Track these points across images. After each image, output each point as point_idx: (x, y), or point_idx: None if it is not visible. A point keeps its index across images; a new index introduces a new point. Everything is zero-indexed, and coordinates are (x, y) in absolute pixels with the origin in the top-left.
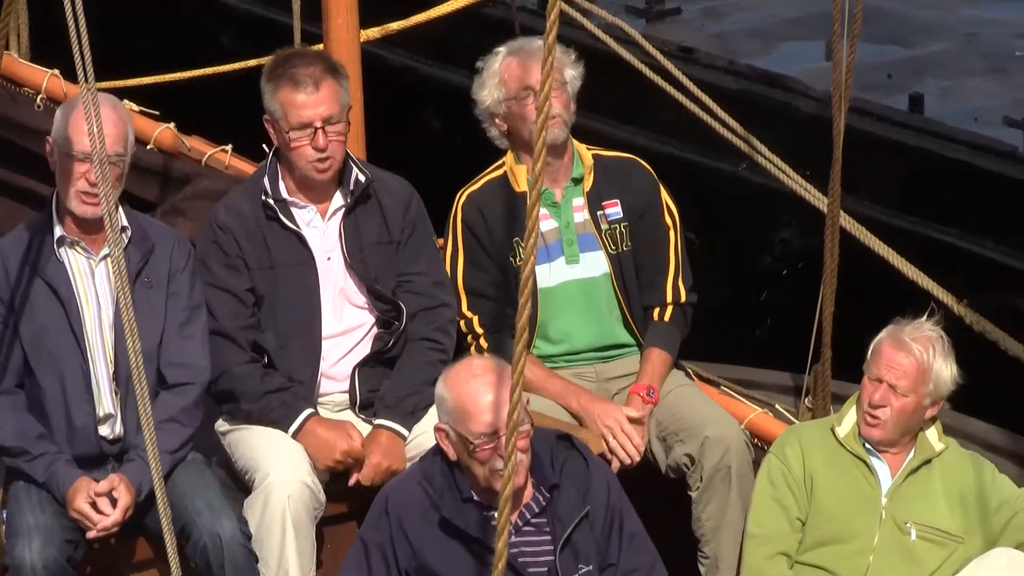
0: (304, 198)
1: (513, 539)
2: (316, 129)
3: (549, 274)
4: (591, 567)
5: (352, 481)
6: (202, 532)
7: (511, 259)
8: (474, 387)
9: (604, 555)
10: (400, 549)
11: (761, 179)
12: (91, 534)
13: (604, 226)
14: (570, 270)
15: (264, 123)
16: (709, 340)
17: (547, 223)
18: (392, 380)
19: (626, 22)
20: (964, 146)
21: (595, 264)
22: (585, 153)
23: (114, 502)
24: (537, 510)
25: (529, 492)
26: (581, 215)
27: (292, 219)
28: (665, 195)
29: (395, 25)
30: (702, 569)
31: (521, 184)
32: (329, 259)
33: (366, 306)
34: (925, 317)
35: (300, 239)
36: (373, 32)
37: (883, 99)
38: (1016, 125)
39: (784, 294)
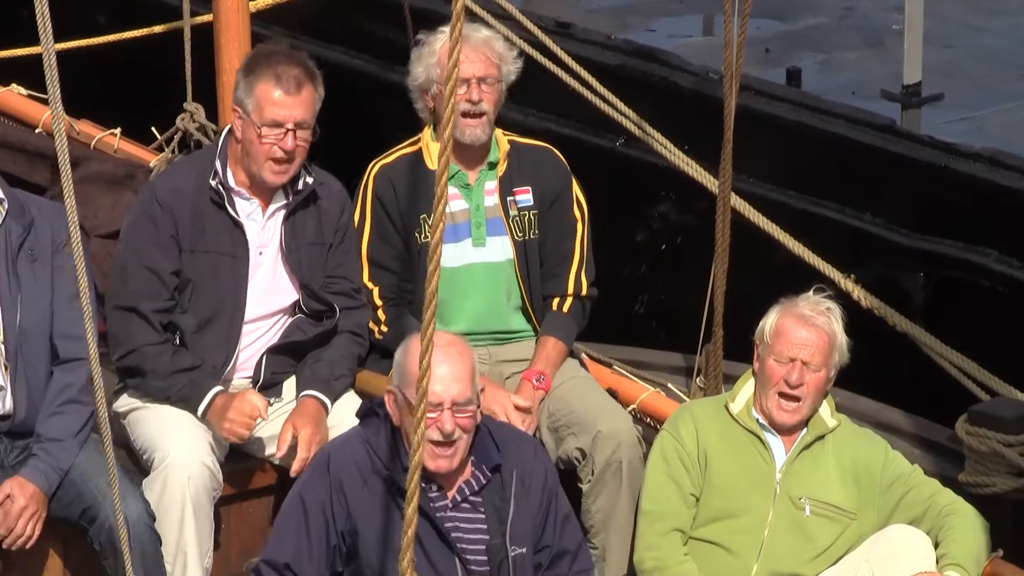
0: (250, 191)
1: (449, 514)
2: (288, 131)
3: (455, 255)
4: (524, 549)
5: (280, 453)
6: (108, 514)
7: (416, 235)
8: (433, 356)
9: (538, 537)
10: (338, 509)
11: (638, 154)
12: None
13: (512, 212)
14: (476, 253)
15: (231, 112)
16: (591, 316)
17: (458, 204)
18: (320, 363)
19: None
20: (842, 119)
21: (500, 249)
22: (502, 138)
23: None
24: (477, 488)
25: (469, 471)
26: (492, 199)
27: (234, 208)
28: (576, 187)
29: None
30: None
31: (434, 162)
32: (261, 254)
33: (289, 302)
34: (812, 291)
35: (239, 229)
36: (261, 4)
37: (761, 73)
38: (894, 98)
39: (663, 268)
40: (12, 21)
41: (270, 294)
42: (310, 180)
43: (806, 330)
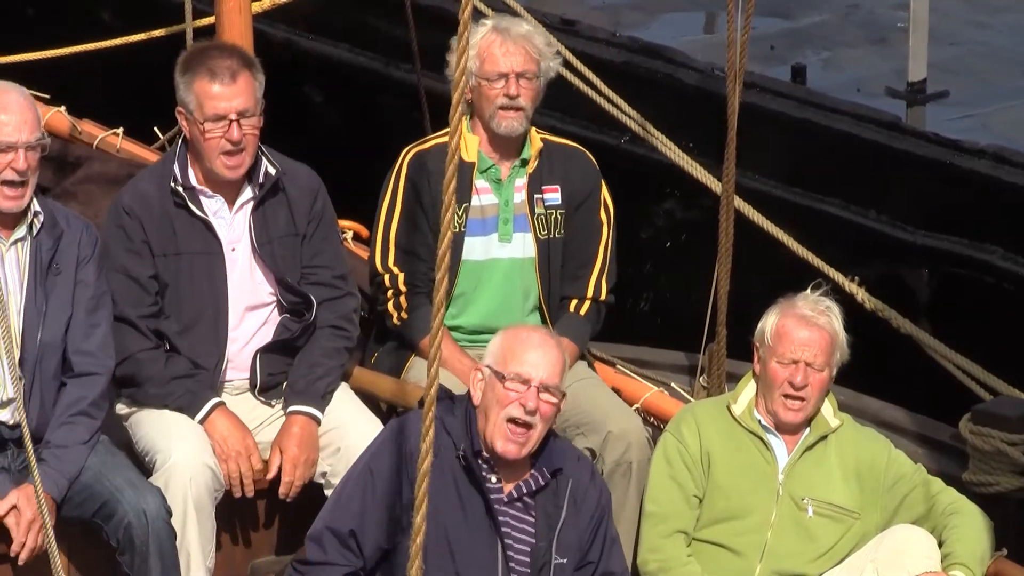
0: (213, 188)
1: (503, 507)
2: (231, 122)
3: (481, 248)
4: (566, 560)
5: (270, 475)
6: (127, 509)
7: None
8: (529, 336)
9: (584, 552)
10: (405, 481)
11: (643, 152)
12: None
13: (539, 210)
14: (500, 248)
15: (176, 115)
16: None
17: (488, 198)
18: (299, 366)
19: None
20: (847, 116)
21: (524, 246)
22: (535, 136)
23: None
24: (534, 489)
25: (528, 472)
26: (520, 196)
27: (200, 207)
28: (605, 191)
29: None
30: None
31: (470, 154)
32: (234, 250)
33: (270, 297)
34: (810, 289)
35: (208, 227)
36: (264, 4)
37: (766, 71)
38: (898, 95)
39: (667, 267)
40: (15, 21)
41: (252, 290)
42: (273, 171)
43: (808, 331)
